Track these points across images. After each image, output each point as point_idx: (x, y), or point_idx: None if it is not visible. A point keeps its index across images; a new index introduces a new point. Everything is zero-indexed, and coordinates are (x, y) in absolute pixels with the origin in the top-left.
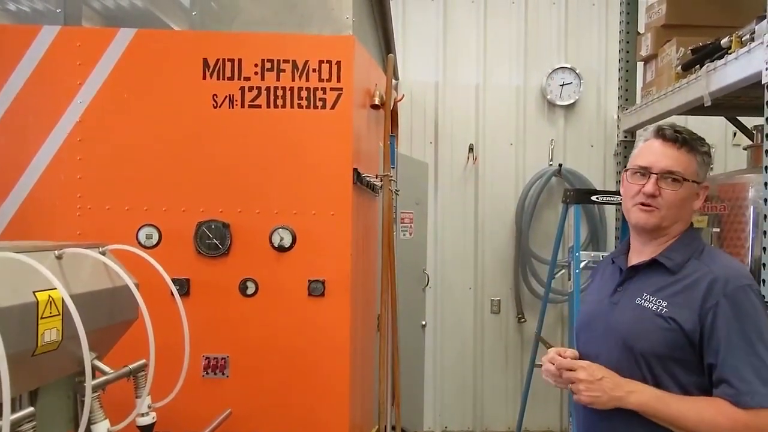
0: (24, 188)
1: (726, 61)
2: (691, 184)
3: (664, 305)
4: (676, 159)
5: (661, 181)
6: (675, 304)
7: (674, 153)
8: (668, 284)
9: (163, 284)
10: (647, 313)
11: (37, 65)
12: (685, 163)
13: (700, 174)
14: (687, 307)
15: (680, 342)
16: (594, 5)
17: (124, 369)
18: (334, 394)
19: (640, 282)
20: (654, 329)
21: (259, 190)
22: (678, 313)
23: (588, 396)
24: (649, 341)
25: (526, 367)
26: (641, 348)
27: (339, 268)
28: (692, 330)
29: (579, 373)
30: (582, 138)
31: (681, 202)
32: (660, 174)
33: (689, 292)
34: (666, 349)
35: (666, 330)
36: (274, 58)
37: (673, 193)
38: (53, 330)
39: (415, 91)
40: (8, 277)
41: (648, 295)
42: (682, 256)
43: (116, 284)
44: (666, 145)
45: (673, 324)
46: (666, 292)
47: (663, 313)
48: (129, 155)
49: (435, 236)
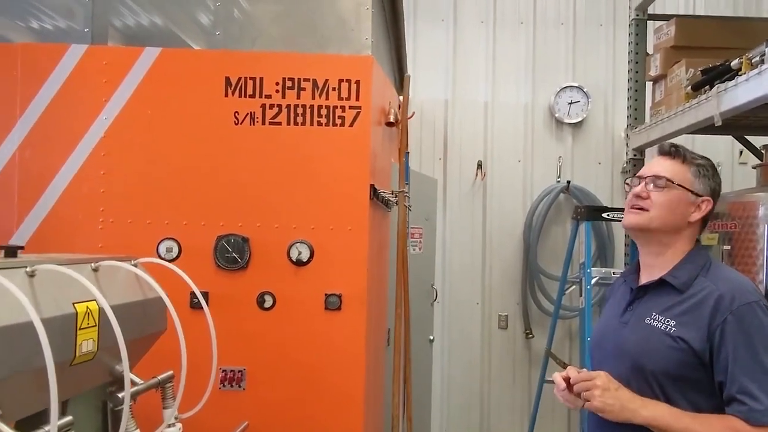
0: (48, 201)
1: (737, 82)
2: (682, 190)
3: (672, 324)
4: (665, 166)
5: (649, 185)
6: (683, 324)
7: (666, 161)
8: (676, 303)
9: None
10: (656, 332)
11: (64, 82)
12: (675, 170)
13: (696, 185)
14: (695, 326)
15: (689, 361)
16: (601, 26)
17: (153, 380)
18: (349, 407)
19: (649, 301)
20: (663, 349)
21: (278, 205)
22: (686, 333)
23: (601, 402)
24: (659, 361)
25: (533, 383)
26: (651, 368)
27: (355, 282)
28: (701, 349)
29: (596, 380)
30: (589, 155)
31: (669, 204)
32: (648, 178)
33: (697, 310)
34: (675, 368)
35: (675, 349)
36: (294, 77)
37: (659, 194)
38: (90, 341)
39: (424, 109)
40: (50, 289)
41: (657, 314)
42: (689, 274)
43: (147, 296)
44: (661, 156)
45: (682, 343)
46: (674, 311)
47: (671, 332)
48: (151, 170)
49: (443, 251)
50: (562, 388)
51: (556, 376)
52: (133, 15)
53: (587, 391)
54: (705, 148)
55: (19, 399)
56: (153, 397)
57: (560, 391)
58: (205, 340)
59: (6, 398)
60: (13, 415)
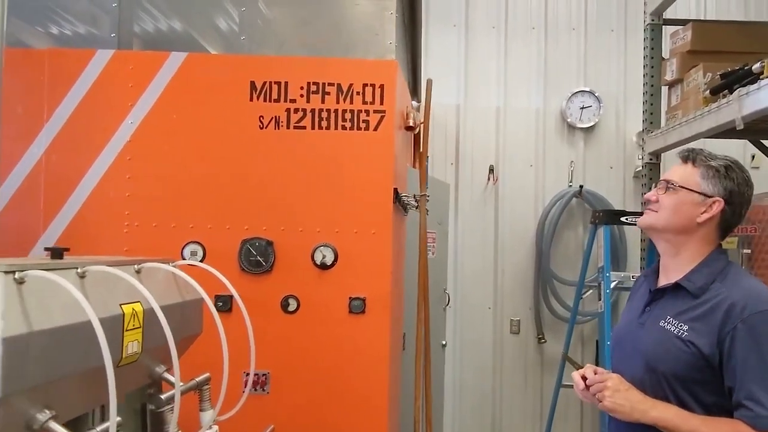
0: (74, 205)
1: (760, 86)
2: (686, 192)
3: (685, 329)
4: (677, 171)
5: (660, 189)
6: (695, 329)
7: (679, 167)
8: (690, 308)
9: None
10: (669, 336)
11: (90, 87)
12: (684, 174)
13: (704, 186)
14: (706, 332)
15: (699, 364)
16: (613, 31)
17: (192, 382)
18: (372, 410)
19: (665, 304)
20: (675, 351)
21: (303, 209)
22: (697, 338)
23: (611, 402)
24: (671, 363)
25: (545, 387)
26: (663, 369)
27: (379, 285)
28: (711, 354)
29: (608, 381)
30: (601, 160)
31: (674, 206)
32: (661, 182)
33: (709, 316)
34: (686, 370)
35: (686, 353)
36: (319, 81)
37: (666, 197)
38: (135, 342)
39: (436, 114)
40: (99, 290)
41: (671, 318)
42: (705, 279)
43: (185, 298)
44: (680, 163)
45: (693, 348)
46: (688, 316)
47: (683, 336)
48: (176, 174)
49: (455, 256)
50: (581, 387)
51: (575, 375)
52: (158, 21)
53: (600, 392)
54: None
55: (69, 400)
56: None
57: (580, 390)
58: (228, 343)
59: (58, 399)
60: (62, 417)
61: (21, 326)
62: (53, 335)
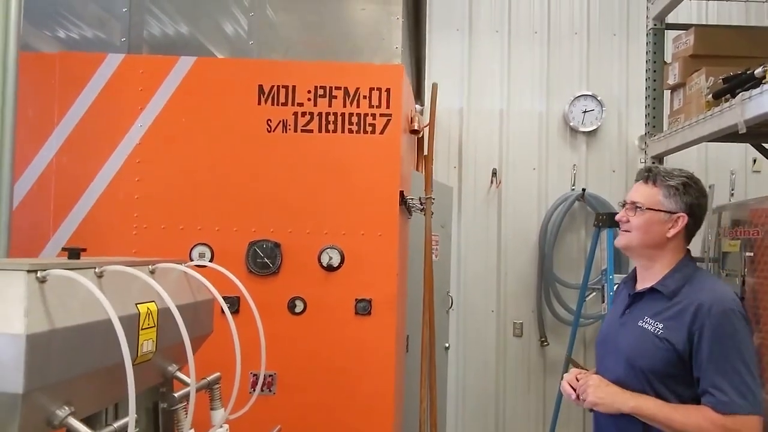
0: (84, 206)
1: (762, 90)
2: (653, 212)
3: (660, 327)
4: (640, 192)
5: (628, 210)
6: (669, 327)
7: (640, 187)
8: (665, 309)
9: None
10: (647, 334)
11: (101, 90)
12: (647, 194)
13: (666, 203)
14: (679, 330)
15: (673, 360)
16: (615, 35)
17: (203, 381)
18: (378, 411)
19: (643, 306)
20: (652, 348)
21: (310, 211)
22: (672, 335)
23: (594, 396)
24: (648, 359)
25: (548, 390)
26: (641, 365)
27: (385, 287)
28: (683, 350)
29: (590, 380)
30: (604, 163)
31: (644, 226)
32: (628, 204)
33: (681, 316)
34: (662, 365)
35: (661, 349)
36: (326, 85)
37: (635, 218)
38: (150, 341)
39: (440, 117)
40: (116, 289)
41: (648, 318)
42: (677, 283)
43: (197, 299)
44: (638, 182)
45: (668, 344)
46: (663, 316)
47: (659, 334)
48: (185, 176)
49: (458, 259)
50: (574, 397)
51: (565, 386)
52: (167, 26)
53: (584, 392)
54: (718, 157)
55: (87, 397)
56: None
57: (573, 399)
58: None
59: (77, 396)
60: (80, 413)
61: (43, 324)
62: (74, 333)
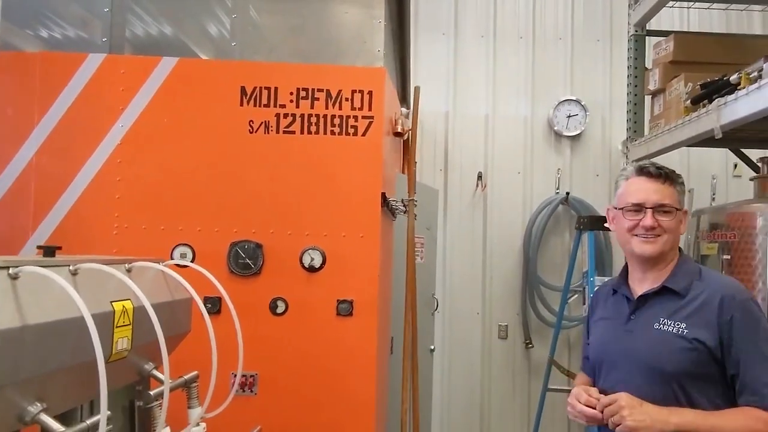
0: (64, 206)
1: (737, 96)
2: (680, 213)
3: (683, 326)
4: (663, 192)
5: (657, 214)
6: (694, 325)
7: (661, 187)
8: (680, 307)
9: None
10: (668, 336)
11: (82, 90)
12: (672, 194)
13: (682, 201)
14: (705, 326)
15: (704, 359)
16: (599, 41)
17: (180, 379)
18: (360, 412)
19: (653, 308)
20: (679, 350)
21: (292, 212)
22: (699, 333)
23: (633, 420)
24: (676, 362)
25: (533, 392)
26: (670, 369)
27: (366, 288)
28: (715, 346)
29: (620, 401)
30: (588, 167)
31: (676, 228)
32: (654, 208)
33: (704, 311)
34: (693, 367)
35: (690, 350)
36: (309, 87)
37: (668, 221)
38: (125, 339)
39: (425, 121)
40: (91, 287)
41: (665, 319)
42: (686, 279)
43: (174, 297)
44: (651, 180)
45: (697, 343)
46: (681, 315)
47: (684, 334)
48: (166, 177)
49: (444, 261)
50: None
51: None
52: (150, 26)
53: (614, 416)
54: (700, 161)
55: (59, 394)
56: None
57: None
58: (218, 344)
59: (49, 393)
60: (52, 410)
61: (15, 320)
62: (46, 329)
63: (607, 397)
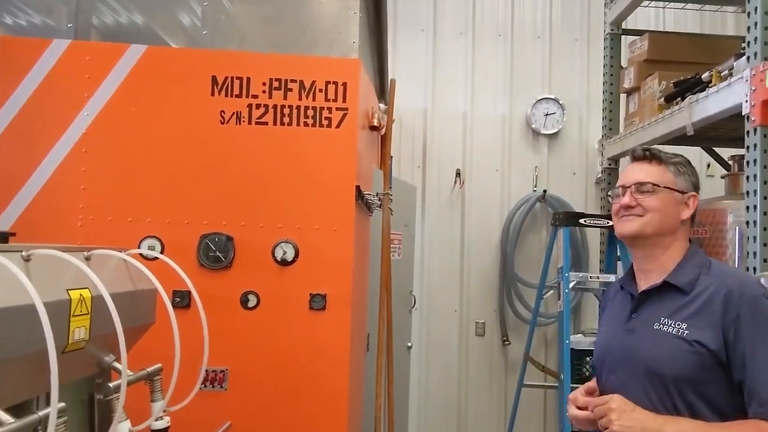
0: (26, 197)
1: (708, 93)
2: (668, 191)
3: (684, 327)
4: (645, 171)
5: (635, 193)
6: (695, 326)
7: (644, 166)
8: (684, 305)
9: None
10: (668, 337)
11: (45, 77)
12: (656, 172)
13: (679, 183)
14: (708, 326)
15: (707, 363)
16: (576, 40)
17: (142, 372)
18: (333, 407)
19: (654, 306)
20: (679, 353)
21: (264, 205)
22: (700, 334)
23: (620, 426)
24: (677, 366)
25: (509, 389)
26: (669, 374)
27: (340, 282)
28: (718, 348)
29: (611, 403)
30: (565, 166)
31: (661, 207)
32: (632, 186)
33: (707, 309)
34: (695, 372)
35: (691, 353)
36: (282, 78)
37: (649, 199)
38: (82, 329)
39: (404, 117)
40: (45, 274)
41: (666, 319)
42: (692, 274)
43: (137, 287)
44: (636, 162)
45: (698, 346)
46: (683, 314)
47: (685, 336)
48: (134, 168)
49: (422, 258)
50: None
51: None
52: (118, 13)
53: (603, 418)
54: None
55: (11, 385)
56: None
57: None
58: (185, 339)
59: (0, 383)
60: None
61: None
62: None
63: (599, 398)
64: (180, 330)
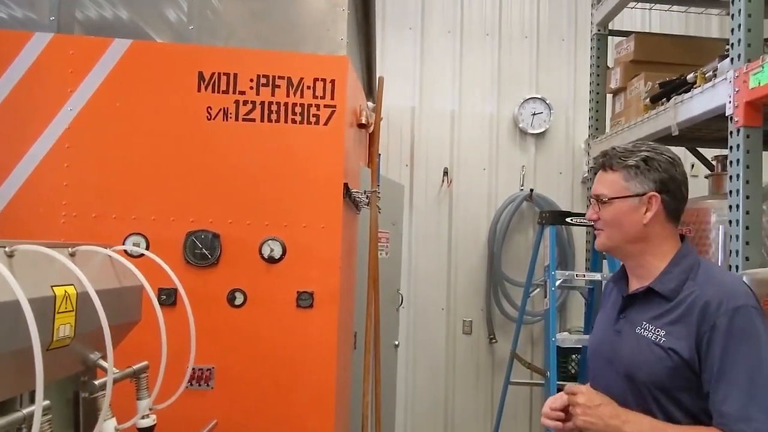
0: (7, 194)
1: (692, 94)
2: (619, 201)
3: (662, 334)
4: (601, 182)
5: (596, 206)
6: (672, 333)
7: (601, 176)
8: (665, 312)
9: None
10: (646, 342)
11: (27, 71)
12: (608, 182)
13: (632, 187)
14: (684, 335)
15: (681, 371)
16: (564, 41)
17: (128, 369)
18: (319, 405)
19: (639, 309)
20: (654, 360)
21: (251, 202)
22: (675, 343)
23: (583, 421)
24: (650, 372)
25: (496, 387)
26: (644, 378)
27: (327, 280)
28: (691, 358)
29: (578, 397)
30: (551, 165)
31: (616, 218)
32: (593, 199)
33: (686, 318)
34: (667, 379)
35: (665, 360)
36: (269, 74)
37: (604, 212)
38: (67, 326)
39: (392, 115)
40: (29, 271)
41: (647, 324)
42: (677, 280)
43: (123, 284)
44: (600, 172)
45: (673, 354)
46: (664, 320)
47: (662, 342)
48: (119, 163)
49: (409, 257)
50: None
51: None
52: (102, 7)
53: (571, 407)
54: None
55: None
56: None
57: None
58: (172, 337)
59: None
60: None
61: None
62: None
63: (571, 387)
64: (166, 328)
